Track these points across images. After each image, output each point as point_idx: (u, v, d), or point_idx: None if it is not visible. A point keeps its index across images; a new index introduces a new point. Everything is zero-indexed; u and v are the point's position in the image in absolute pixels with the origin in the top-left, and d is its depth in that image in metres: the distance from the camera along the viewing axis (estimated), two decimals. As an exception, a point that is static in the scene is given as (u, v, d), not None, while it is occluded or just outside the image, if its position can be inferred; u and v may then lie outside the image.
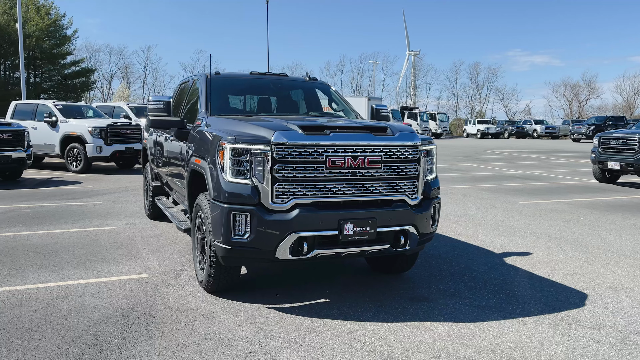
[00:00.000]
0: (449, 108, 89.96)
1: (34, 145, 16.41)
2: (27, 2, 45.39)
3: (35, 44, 43.91)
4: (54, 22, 46.32)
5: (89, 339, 3.91)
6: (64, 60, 48.55)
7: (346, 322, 4.37)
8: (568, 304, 4.90)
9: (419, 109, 58.19)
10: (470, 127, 61.11)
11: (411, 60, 79.14)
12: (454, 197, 11.76)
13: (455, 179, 15.46)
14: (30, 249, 6.63)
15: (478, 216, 9.36)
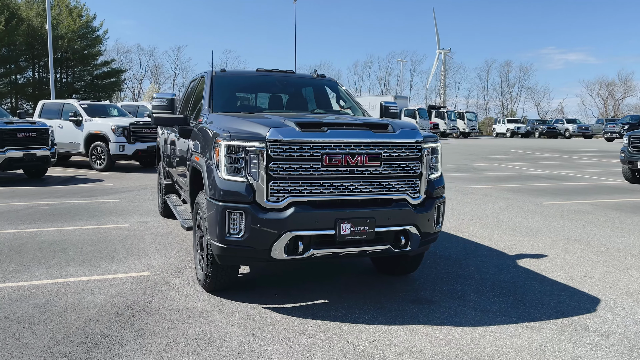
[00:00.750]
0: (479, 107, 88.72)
1: (60, 143, 16.77)
2: (59, 4, 46.43)
3: (68, 45, 44.85)
4: (85, 24, 47.23)
5: (79, 337, 3.89)
6: (95, 61, 49.46)
7: (342, 324, 4.26)
8: (578, 309, 4.68)
9: (446, 107, 57.55)
10: (499, 126, 60.07)
11: (441, 59, 78.12)
12: (474, 197, 11.51)
13: (478, 179, 15.15)
14: (40, 245, 6.70)
15: (496, 217, 9.11)
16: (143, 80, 79.63)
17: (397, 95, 51.81)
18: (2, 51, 42.57)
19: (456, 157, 24.44)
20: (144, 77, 79.94)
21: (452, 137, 52.03)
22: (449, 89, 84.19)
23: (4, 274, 5.46)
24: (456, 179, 14.95)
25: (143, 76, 79.92)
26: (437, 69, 79.91)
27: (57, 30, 44.04)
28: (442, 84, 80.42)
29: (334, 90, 6.60)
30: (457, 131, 52.72)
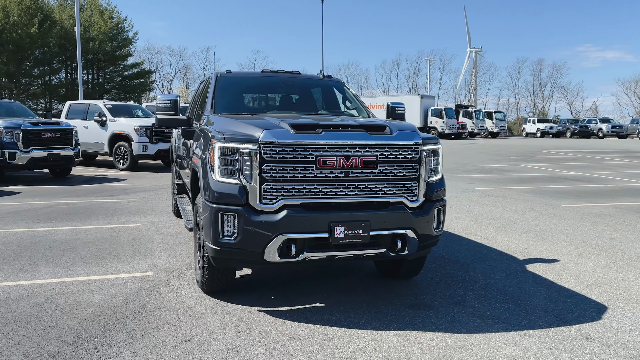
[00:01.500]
0: (509, 106, 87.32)
1: (86, 143, 17.13)
2: (91, 7, 47.45)
3: (99, 47, 45.82)
4: (116, 26, 48.18)
5: (70, 337, 3.93)
6: (124, 62, 50.44)
7: (334, 328, 4.20)
8: (582, 317, 4.52)
9: (474, 107, 56.68)
10: (529, 126, 58.91)
11: (472, 58, 76.92)
12: (493, 198, 11.29)
13: (500, 180, 14.87)
14: (51, 244, 6.82)
15: (512, 219, 8.91)
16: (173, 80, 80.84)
17: (423, 94, 51.27)
18: (35, 53, 43.73)
19: (481, 157, 24.07)
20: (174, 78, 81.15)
21: (480, 137, 51.30)
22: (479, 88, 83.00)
23: (11, 272, 5.58)
24: (477, 180, 14.71)
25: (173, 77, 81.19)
26: (467, 68, 78.78)
27: (89, 32, 45.02)
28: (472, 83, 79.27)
29: (340, 91, 6.54)
30: (485, 131, 51.94)
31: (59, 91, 46.58)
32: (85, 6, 47.74)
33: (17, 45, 40.81)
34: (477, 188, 13.07)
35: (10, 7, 40.11)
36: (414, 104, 45.84)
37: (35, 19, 41.20)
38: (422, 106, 45.58)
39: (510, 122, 73.66)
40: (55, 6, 45.79)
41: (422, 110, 45.54)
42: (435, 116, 45.39)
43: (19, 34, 40.08)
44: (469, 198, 11.36)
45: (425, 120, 45.83)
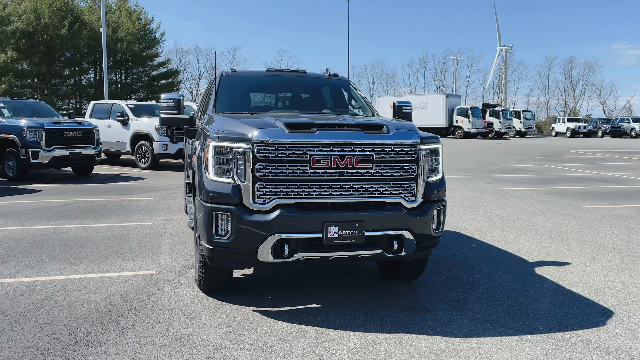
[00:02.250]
0: (539, 105, 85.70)
1: (109, 142, 17.43)
2: (120, 8, 48.28)
3: (127, 47, 46.59)
4: (143, 27, 48.91)
5: (62, 334, 3.97)
6: (152, 62, 51.17)
7: (326, 329, 4.15)
8: (585, 322, 4.37)
9: (501, 106, 55.81)
10: (559, 125, 57.71)
11: (502, 56, 75.50)
12: (511, 199, 11.06)
13: (522, 180, 14.57)
14: (62, 241, 6.93)
15: (528, 221, 8.71)
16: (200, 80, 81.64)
17: (449, 93, 50.70)
18: (66, 54, 44.68)
19: (505, 157, 23.67)
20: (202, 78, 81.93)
21: (507, 137, 50.48)
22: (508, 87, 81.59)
23: (17, 268, 5.67)
24: (498, 181, 14.45)
25: (201, 77, 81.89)
26: (497, 67, 77.42)
27: (117, 33, 45.81)
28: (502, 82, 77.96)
29: (345, 90, 6.48)
30: (512, 130, 51.08)
31: (88, 91, 47.47)
32: (115, 8, 48.60)
33: (48, 47, 41.76)
34: (497, 188, 12.84)
35: (41, 10, 41.07)
36: (440, 103, 45.40)
37: (65, 20, 42.10)
38: (448, 105, 45.07)
39: (541, 122, 72.32)
40: (85, 8, 46.71)
41: (447, 110, 45.04)
42: (461, 115, 44.82)
43: (49, 35, 41.01)
44: (487, 199, 11.16)
45: (451, 120, 45.32)
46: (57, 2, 42.06)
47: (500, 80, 79.10)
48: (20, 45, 39.73)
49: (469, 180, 14.59)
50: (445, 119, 45.02)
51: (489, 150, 28.43)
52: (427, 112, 45.86)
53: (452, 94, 54.39)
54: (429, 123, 45.81)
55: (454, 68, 77.16)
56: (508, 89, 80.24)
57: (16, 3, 40.29)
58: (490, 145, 33.62)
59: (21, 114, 14.89)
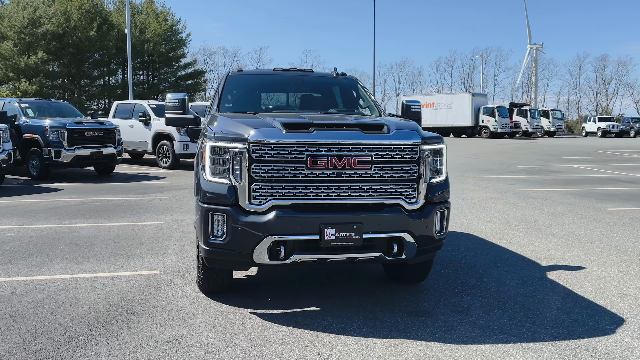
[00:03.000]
0: (570, 104, 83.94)
1: (131, 142, 17.65)
2: (147, 10, 48.93)
3: (153, 48, 47.20)
4: (170, 28, 49.49)
5: (57, 334, 3.97)
6: (178, 63, 51.76)
7: (322, 334, 4.07)
8: (593, 330, 4.19)
9: (529, 105, 54.76)
10: (589, 125, 56.40)
11: (533, 54, 73.96)
12: (531, 200, 10.79)
13: (545, 181, 14.23)
14: (73, 240, 6.99)
15: (546, 223, 8.47)
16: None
17: (475, 92, 50.02)
18: (94, 55, 45.49)
19: (531, 157, 23.20)
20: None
21: (535, 137, 49.53)
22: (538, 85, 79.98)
23: (25, 267, 5.74)
24: (520, 181, 14.15)
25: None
26: (527, 65, 75.89)
27: (144, 35, 46.45)
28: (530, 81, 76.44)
29: (353, 89, 6.37)
30: (540, 130, 50.07)
31: (116, 91, 48.22)
32: (142, 9, 49.27)
33: (77, 48, 42.56)
34: (518, 189, 12.56)
35: (71, 12, 41.88)
36: (465, 103, 44.80)
37: (94, 22, 42.84)
38: (474, 104, 44.42)
39: (573, 121, 70.82)
40: (113, 10, 47.49)
41: (473, 109, 44.40)
42: (487, 115, 44.14)
43: (78, 37, 41.79)
44: (506, 200, 10.92)
45: (477, 119, 44.67)
46: (86, 4, 42.84)
47: (529, 79, 77.67)
48: (51, 46, 40.59)
49: (490, 181, 14.32)
50: (470, 118, 44.39)
51: (514, 150, 27.92)
52: (453, 111, 45.30)
53: (478, 93, 53.67)
54: (454, 122, 45.33)
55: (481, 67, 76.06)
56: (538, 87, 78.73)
57: (47, 6, 41.16)
58: (517, 145, 33.01)
59: (46, 114, 15.18)
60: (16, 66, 38.37)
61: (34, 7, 40.12)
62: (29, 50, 39.46)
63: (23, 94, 36.01)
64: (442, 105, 45.98)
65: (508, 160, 21.27)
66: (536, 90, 74.95)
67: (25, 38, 38.95)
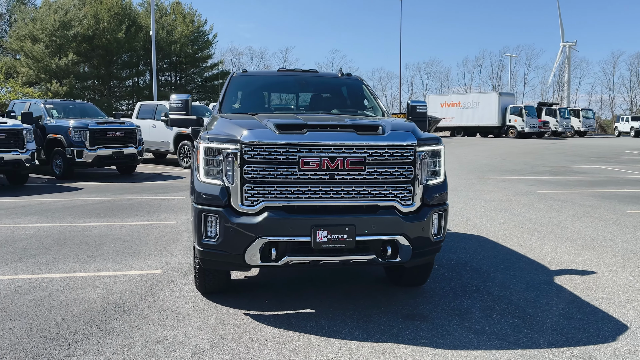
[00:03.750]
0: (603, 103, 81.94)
1: (153, 142, 17.90)
2: (175, 11, 49.58)
3: (180, 49, 47.79)
4: (197, 29, 50.05)
5: (51, 333, 4.03)
6: (205, 64, 52.30)
7: (312, 336, 4.03)
8: (594, 337, 4.06)
9: (559, 104, 53.63)
10: (622, 124, 54.93)
11: (565, 52, 72.19)
12: (550, 202, 10.55)
13: (568, 183, 13.90)
14: (83, 239, 7.11)
15: (562, 226, 8.27)
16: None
17: (501, 92, 49.16)
18: (123, 57, 46.30)
19: (557, 158, 22.71)
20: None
21: (565, 137, 48.49)
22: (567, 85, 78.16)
23: (32, 265, 5.85)
24: (542, 183, 13.85)
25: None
26: (559, 64, 74.13)
27: (171, 36, 47.08)
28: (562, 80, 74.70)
29: (358, 90, 6.31)
30: (570, 130, 48.97)
31: (144, 92, 48.98)
32: (169, 11, 49.94)
33: (106, 50, 43.41)
34: (538, 191, 12.30)
35: (100, 14, 42.73)
36: (492, 102, 44.12)
37: (123, 24, 43.61)
38: (501, 104, 43.69)
39: (607, 121, 69.12)
40: (141, 12, 48.24)
41: (500, 108, 43.68)
42: (514, 114, 43.37)
43: (107, 39, 42.61)
44: (524, 201, 10.70)
45: (504, 119, 43.95)
46: (115, 6, 43.64)
47: (560, 77, 76.02)
48: (81, 48, 41.47)
49: (511, 182, 14.06)
50: (497, 118, 43.68)
51: (540, 151, 27.37)
52: (479, 111, 44.66)
53: (505, 92, 52.79)
54: (480, 122, 44.70)
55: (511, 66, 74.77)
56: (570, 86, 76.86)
57: (77, 8, 42.06)
58: (544, 146, 32.36)
59: (70, 114, 15.52)
60: (48, 68, 39.32)
61: (65, 10, 41.06)
62: (60, 52, 40.39)
63: (54, 95, 36.87)
64: (469, 104, 45.37)
65: (533, 161, 20.86)
66: (569, 89, 73.19)
67: (57, 40, 39.88)
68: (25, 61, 39.70)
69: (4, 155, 11.89)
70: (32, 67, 39.33)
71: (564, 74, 74.17)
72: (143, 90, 49.50)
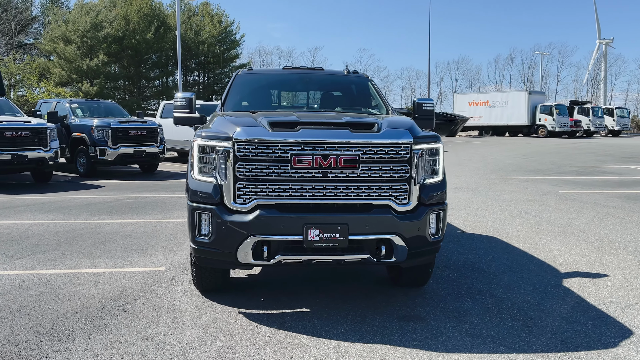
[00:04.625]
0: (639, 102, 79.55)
1: (176, 141, 18.09)
2: (203, 12, 50.08)
3: (208, 49, 48.21)
4: (224, 29, 50.42)
5: (45, 328, 4.08)
6: (232, 64, 52.64)
7: (303, 336, 3.99)
8: (594, 342, 3.91)
9: (591, 103, 52.28)
10: (658, 123, 53.24)
11: (602, 50, 70.13)
12: (572, 203, 10.26)
13: (594, 183, 13.52)
14: (95, 236, 7.21)
15: (580, 227, 8.03)
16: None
17: (531, 90, 48.23)
18: (152, 57, 46.99)
19: (586, 157, 22.13)
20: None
21: (598, 136, 47.26)
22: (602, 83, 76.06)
23: (40, 260, 5.95)
24: (567, 183, 13.50)
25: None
26: (595, 61, 72.05)
27: (199, 36, 47.53)
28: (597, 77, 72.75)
29: (363, 87, 6.22)
30: (604, 129, 47.71)
31: (173, 92, 49.62)
32: (198, 11, 50.45)
33: (136, 50, 44.09)
34: (561, 191, 11.99)
35: (130, 16, 43.44)
36: (521, 101, 43.28)
37: (152, 25, 44.23)
38: (530, 103, 42.80)
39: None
40: (170, 13, 48.85)
41: (529, 107, 42.80)
42: (545, 113, 42.46)
43: (137, 39, 43.28)
44: (544, 202, 10.44)
45: (534, 118, 43.08)
46: (144, 8, 44.30)
47: (595, 75, 74.04)
48: (111, 49, 42.23)
49: (534, 182, 13.75)
50: (527, 117, 42.83)
51: (570, 150, 26.73)
52: (508, 110, 43.86)
53: (535, 90, 51.73)
54: (509, 121, 43.93)
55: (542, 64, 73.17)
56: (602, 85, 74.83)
57: (108, 10, 42.87)
58: (574, 145, 31.60)
59: (95, 114, 15.82)
60: (79, 68, 40.14)
61: (96, 12, 41.87)
62: (91, 53, 41.21)
63: (85, 95, 37.67)
64: (497, 103, 44.60)
65: (560, 161, 20.38)
66: (605, 87, 71.11)
67: (88, 41, 40.68)
68: (58, 62, 40.65)
69: (28, 153, 12.16)
70: (64, 67, 40.22)
71: (599, 72, 72.18)
72: (172, 90, 50.09)
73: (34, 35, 51.23)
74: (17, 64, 35.01)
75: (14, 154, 11.93)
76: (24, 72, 35.65)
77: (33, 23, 50.65)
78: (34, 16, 51.55)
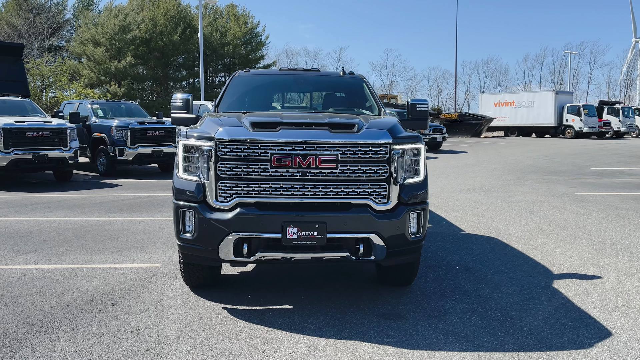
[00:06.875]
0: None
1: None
2: (229, 14, 50.73)
3: (233, 51, 48.87)
4: (250, 30, 51.01)
5: (35, 320, 4.27)
6: (257, 65, 53.18)
7: (279, 331, 4.08)
8: (569, 343, 3.91)
9: (622, 103, 51.03)
10: (693, 124, 51.59)
11: (638, 48, 68.16)
12: (583, 205, 10.12)
13: (612, 185, 13.27)
14: (101, 233, 7.44)
15: (586, 229, 7.93)
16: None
17: (558, 90, 47.34)
18: (179, 59, 47.80)
19: (610, 159, 21.67)
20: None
21: (628, 137, 46.11)
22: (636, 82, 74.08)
23: (44, 256, 6.19)
24: (584, 184, 13.28)
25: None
26: (632, 60, 70.14)
27: (225, 38, 48.19)
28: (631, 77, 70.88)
29: (357, 88, 6.29)
30: (635, 130, 46.52)
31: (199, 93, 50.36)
32: (224, 13, 51.13)
33: (162, 52, 44.98)
34: (576, 193, 11.81)
35: (157, 18, 44.33)
36: (548, 101, 42.52)
37: (178, 27, 45.05)
38: (557, 103, 42.00)
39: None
40: (196, 15, 49.63)
41: (556, 107, 42.00)
42: (572, 114, 41.62)
43: (163, 41, 44.14)
44: (555, 203, 10.32)
45: (561, 118, 42.29)
46: (171, 10, 45.12)
47: (629, 75, 72.17)
48: (139, 51, 43.14)
49: (550, 183, 13.57)
50: (553, 117, 42.06)
51: (595, 152, 26.19)
52: (534, 110, 43.12)
53: (562, 90, 50.77)
54: (535, 122, 43.20)
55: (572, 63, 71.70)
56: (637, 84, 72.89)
57: (136, 13, 43.80)
58: (600, 146, 30.94)
59: (116, 114, 16.23)
60: (107, 70, 41.16)
61: (124, 15, 42.86)
62: (119, 55, 42.17)
63: (113, 96, 38.56)
64: (523, 103, 43.91)
65: (582, 162, 20.01)
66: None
67: (116, 44, 41.67)
68: (87, 64, 41.73)
69: (48, 152, 12.56)
70: (93, 69, 41.27)
71: (634, 71, 70.31)
72: (198, 91, 50.88)
73: (66, 38, 52.60)
74: (48, 66, 36.07)
75: (35, 153, 12.33)
76: (55, 74, 36.68)
77: (65, 26, 51.99)
78: (66, 19, 52.92)
